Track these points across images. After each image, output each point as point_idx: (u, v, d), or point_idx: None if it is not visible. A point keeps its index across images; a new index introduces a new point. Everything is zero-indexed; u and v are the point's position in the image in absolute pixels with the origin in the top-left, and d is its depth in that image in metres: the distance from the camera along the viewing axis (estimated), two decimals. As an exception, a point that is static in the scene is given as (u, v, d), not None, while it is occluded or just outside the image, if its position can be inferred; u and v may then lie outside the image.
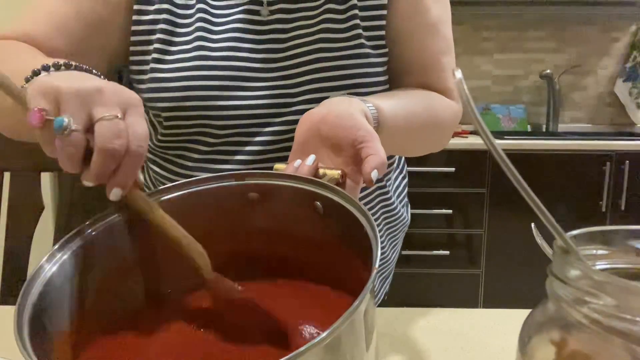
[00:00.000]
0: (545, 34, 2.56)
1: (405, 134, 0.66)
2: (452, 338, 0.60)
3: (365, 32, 0.69)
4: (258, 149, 0.68)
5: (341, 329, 0.29)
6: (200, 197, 0.47)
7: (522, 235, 2.07)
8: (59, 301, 0.39)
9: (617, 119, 2.61)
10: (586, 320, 0.27)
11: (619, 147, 2.06)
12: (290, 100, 0.68)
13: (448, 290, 2.16)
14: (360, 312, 0.32)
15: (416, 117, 0.67)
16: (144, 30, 0.67)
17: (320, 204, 0.44)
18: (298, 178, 0.45)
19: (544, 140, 2.10)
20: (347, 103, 0.54)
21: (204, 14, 0.67)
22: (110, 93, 0.39)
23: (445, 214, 2.09)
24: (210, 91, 0.65)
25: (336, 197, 0.42)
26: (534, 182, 1.95)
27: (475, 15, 2.52)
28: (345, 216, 0.40)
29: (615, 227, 0.32)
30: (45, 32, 0.63)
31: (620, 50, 2.56)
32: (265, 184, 0.46)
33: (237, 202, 0.47)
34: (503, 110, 2.56)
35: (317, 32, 0.68)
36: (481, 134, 0.28)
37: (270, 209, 0.47)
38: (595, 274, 0.27)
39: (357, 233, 0.38)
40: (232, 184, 0.47)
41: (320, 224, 0.44)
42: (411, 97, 0.69)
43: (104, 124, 0.38)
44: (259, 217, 0.47)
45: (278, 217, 0.47)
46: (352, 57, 0.67)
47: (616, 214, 2.10)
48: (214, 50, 0.65)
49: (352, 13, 0.68)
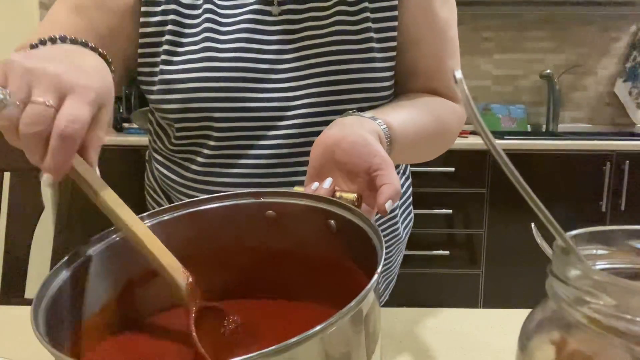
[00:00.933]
0: (545, 34, 2.56)
1: (415, 147, 0.67)
2: (452, 338, 0.60)
3: (377, 35, 0.68)
4: (265, 153, 0.67)
5: (336, 324, 0.29)
6: (216, 214, 0.48)
7: (522, 235, 2.07)
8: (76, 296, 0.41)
9: (617, 119, 2.61)
10: (586, 320, 0.27)
11: (619, 147, 2.06)
12: (295, 103, 0.67)
13: (448, 290, 2.16)
14: (360, 313, 0.32)
15: (425, 129, 0.67)
16: (152, 32, 0.67)
17: (333, 222, 0.45)
18: (314, 197, 0.46)
19: (544, 140, 2.10)
20: (359, 124, 0.54)
21: (211, 15, 0.66)
22: (56, 77, 0.39)
23: (445, 214, 2.09)
24: (218, 92, 0.65)
25: (350, 215, 0.43)
26: (534, 182, 1.95)
27: (475, 15, 2.52)
28: (357, 233, 0.41)
29: (615, 227, 0.32)
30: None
31: (620, 50, 2.56)
32: (282, 203, 0.47)
33: (253, 220, 0.48)
34: (503, 110, 2.56)
35: (329, 35, 0.67)
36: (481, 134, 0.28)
37: (285, 227, 0.48)
38: (595, 274, 0.27)
39: (367, 249, 0.38)
40: (250, 201, 0.48)
41: (332, 241, 0.45)
42: (419, 108, 0.69)
43: (29, 107, 0.38)
44: (273, 235, 0.48)
45: (291, 235, 0.48)
46: (362, 62, 0.67)
47: (616, 214, 2.10)
48: (221, 52, 0.65)
49: (364, 16, 0.67)
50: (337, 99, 0.67)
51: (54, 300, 0.38)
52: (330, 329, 0.29)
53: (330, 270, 0.46)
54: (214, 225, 0.48)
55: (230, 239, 0.49)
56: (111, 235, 0.45)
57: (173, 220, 0.47)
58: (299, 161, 0.67)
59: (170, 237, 0.44)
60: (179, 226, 0.47)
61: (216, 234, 0.48)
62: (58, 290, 0.39)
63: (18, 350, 0.56)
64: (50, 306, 0.37)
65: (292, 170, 0.67)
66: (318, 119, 0.67)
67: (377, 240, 0.38)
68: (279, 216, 0.48)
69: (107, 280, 0.44)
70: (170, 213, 0.47)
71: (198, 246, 0.48)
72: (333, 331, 0.30)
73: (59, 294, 0.39)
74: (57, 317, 0.38)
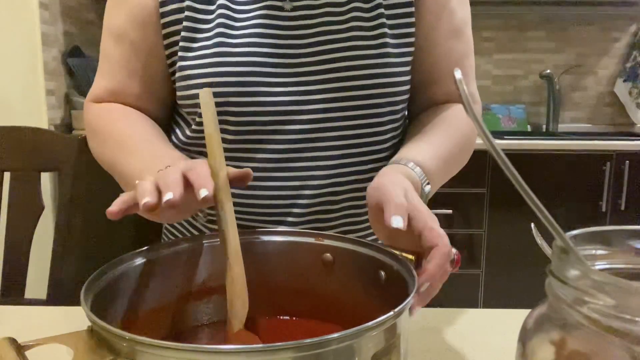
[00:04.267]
0: (545, 34, 2.56)
1: (445, 177, 0.70)
2: (452, 338, 0.60)
3: (391, 30, 0.68)
4: (281, 148, 0.67)
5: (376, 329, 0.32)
6: (276, 247, 0.52)
7: (522, 235, 2.07)
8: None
9: (617, 119, 2.61)
10: (585, 320, 0.27)
11: (619, 147, 2.06)
12: (310, 97, 0.67)
13: (448, 290, 2.15)
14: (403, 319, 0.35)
15: (454, 157, 0.70)
16: (171, 32, 0.68)
17: (383, 273, 0.47)
18: (369, 245, 0.49)
19: (544, 140, 2.10)
20: (401, 184, 0.54)
21: (225, 10, 0.67)
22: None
23: (445, 214, 2.09)
24: (233, 87, 0.65)
25: (397, 266, 0.45)
26: (534, 182, 1.95)
27: (475, 15, 2.51)
28: (404, 283, 0.43)
29: (615, 227, 0.32)
30: (122, 83, 0.71)
31: (620, 50, 2.56)
32: (339, 247, 0.51)
33: (309, 260, 0.51)
34: (503, 110, 2.56)
35: (346, 31, 0.67)
36: (481, 134, 0.28)
37: (338, 271, 0.51)
38: (595, 274, 0.27)
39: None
40: (310, 241, 0.52)
41: (379, 292, 0.47)
42: (445, 136, 0.69)
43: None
44: (325, 277, 0.51)
45: (342, 280, 0.51)
46: (377, 57, 0.67)
47: (616, 214, 2.10)
48: (234, 46, 0.66)
49: (379, 12, 0.67)
50: (353, 95, 0.67)
51: (108, 284, 0.42)
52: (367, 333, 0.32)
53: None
54: (271, 257, 0.52)
55: (284, 274, 0.52)
56: (181, 244, 0.49)
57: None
58: (314, 156, 0.67)
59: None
60: (243, 250, 0.50)
61: (270, 266, 0.52)
62: (116, 277, 0.44)
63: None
64: (103, 288, 0.41)
65: (308, 165, 0.67)
66: (334, 114, 0.67)
67: (411, 283, 0.41)
68: (335, 260, 0.51)
69: (163, 285, 0.47)
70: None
71: (253, 272, 0.50)
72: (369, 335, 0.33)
73: (115, 282, 0.43)
74: (108, 300, 0.42)
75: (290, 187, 0.67)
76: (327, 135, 0.67)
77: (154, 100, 0.73)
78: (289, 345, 0.30)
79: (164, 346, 0.30)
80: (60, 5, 2.04)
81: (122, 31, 0.71)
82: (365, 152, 0.69)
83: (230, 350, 0.31)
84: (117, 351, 0.32)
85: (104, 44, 0.73)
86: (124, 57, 0.71)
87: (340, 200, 0.69)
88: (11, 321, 0.65)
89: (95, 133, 0.71)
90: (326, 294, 0.51)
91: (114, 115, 0.71)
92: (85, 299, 0.37)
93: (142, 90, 0.72)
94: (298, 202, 0.67)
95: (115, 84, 0.72)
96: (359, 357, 0.32)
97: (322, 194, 0.68)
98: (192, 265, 0.49)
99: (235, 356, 0.30)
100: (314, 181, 0.67)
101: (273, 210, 0.68)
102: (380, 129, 0.69)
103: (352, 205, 0.70)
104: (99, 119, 0.71)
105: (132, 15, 0.69)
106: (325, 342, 0.31)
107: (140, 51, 0.70)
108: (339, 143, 0.68)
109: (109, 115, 0.71)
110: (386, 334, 0.34)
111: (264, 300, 0.51)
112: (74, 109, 2.07)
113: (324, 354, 0.31)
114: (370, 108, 0.67)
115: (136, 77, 0.71)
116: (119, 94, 0.72)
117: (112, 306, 0.43)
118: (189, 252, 0.49)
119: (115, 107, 0.72)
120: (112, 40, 0.72)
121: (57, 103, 2.02)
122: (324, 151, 0.67)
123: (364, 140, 0.69)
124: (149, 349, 0.30)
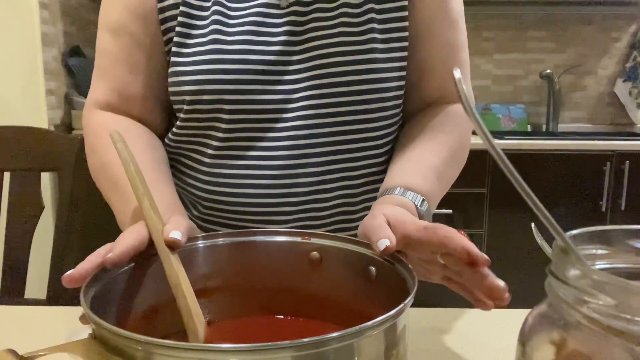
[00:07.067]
0: (545, 34, 2.56)
1: (443, 186, 0.69)
2: (452, 338, 0.60)
3: (381, 35, 0.68)
4: (273, 145, 0.67)
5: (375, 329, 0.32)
6: (265, 246, 0.52)
7: (522, 235, 2.07)
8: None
9: (617, 119, 2.61)
10: (586, 320, 0.27)
11: (619, 147, 2.06)
12: (302, 94, 0.67)
13: (448, 290, 2.16)
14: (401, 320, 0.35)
15: (447, 165, 0.69)
16: (168, 27, 0.68)
17: (374, 269, 0.47)
18: (358, 242, 0.49)
19: (544, 140, 2.10)
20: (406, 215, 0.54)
21: (220, 7, 0.67)
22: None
23: (445, 214, 2.09)
24: (227, 85, 0.65)
25: (389, 262, 0.45)
26: (534, 182, 1.95)
27: (475, 15, 2.52)
28: (395, 280, 0.43)
29: (615, 227, 0.32)
30: (123, 80, 0.70)
31: (620, 50, 2.56)
32: (327, 245, 0.50)
33: (297, 259, 0.51)
34: (503, 110, 2.56)
35: (334, 26, 0.67)
36: (480, 134, 0.28)
37: (326, 269, 0.50)
38: (595, 273, 0.27)
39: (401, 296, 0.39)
40: (297, 240, 0.51)
41: (369, 289, 0.47)
42: (435, 146, 0.69)
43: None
44: (312, 275, 0.51)
45: (331, 278, 0.50)
46: (365, 62, 0.67)
47: (616, 214, 2.10)
48: (229, 44, 0.66)
49: (369, 17, 0.67)
50: (342, 91, 0.67)
51: (108, 284, 0.42)
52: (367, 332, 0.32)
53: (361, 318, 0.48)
54: (259, 257, 0.52)
55: (271, 273, 0.52)
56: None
57: (226, 245, 0.51)
58: (305, 153, 0.67)
59: (221, 260, 0.50)
60: (231, 251, 0.51)
61: (259, 266, 0.52)
62: (116, 277, 0.44)
63: (18, 350, 0.56)
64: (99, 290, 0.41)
65: (299, 163, 0.67)
66: (324, 110, 0.67)
67: (411, 282, 0.40)
68: (322, 258, 0.50)
69: (163, 285, 0.47)
70: (225, 238, 0.51)
71: (241, 273, 0.51)
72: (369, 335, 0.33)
73: (115, 282, 0.43)
74: (108, 300, 0.42)
75: (281, 185, 0.67)
76: (318, 132, 0.67)
77: (157, 103, 0.73)
78: (289, 345, 0.30)
79: (164, 345, 0.30)
80: (60, 5, 2.04)
81: (121, 24, 0.69)
82: (356, 149, 0.69)
83: (230, 349, 0.31)
84: (127, 355, 0.31)
85: (100, 41, 0.71)
86: (124, 50, 0.69)
87: (331, 198, 0.69)
88: (11, 321, 0.65)
89: (93, 152, 0.70)
90: (316, 293, 0.51)
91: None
92: (85, 299, 0.37)
93: (144, 90, 0.71)
94: (288, 200, 0.67)
95: (116, 83, 0.70)
96: (358, 356, 0.32)
97: (312, 192, 0.68)
98: (191, 265, 0.49)
99: (236, 356, 0.30)
100: (304, 178, 0.67)
101: (263, 209, 0.68)
102: (370, 125, 0.69)
103: (344, 203, 0.70)
104: (99, 139, 0.69)
105: (131, 8, 0.68)
106: (325, 341, 0.31)
107: (141, 44, 0.69)
108: (330, 140, 0.68)
109: (108, 140, 0.65)
110: (386, 334, 0.34)
111: (252, 300, 0.51)
112: (74, 109, 2.07)
113: (324, 353, 0.31)
114: (359, 104, 0.68)
115: (138, 72, 0.70)
116: (120, 94, 0.70)
117: (113, 306, 0.43)
118: (188, 252, 0.49)
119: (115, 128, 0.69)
120: (109, 35, 0.70)
121: (57, 103, 2.02)
122: (315, 148, 0.67)
123: (354, 137, 0.69)
124: (159, 350, 0.30)
